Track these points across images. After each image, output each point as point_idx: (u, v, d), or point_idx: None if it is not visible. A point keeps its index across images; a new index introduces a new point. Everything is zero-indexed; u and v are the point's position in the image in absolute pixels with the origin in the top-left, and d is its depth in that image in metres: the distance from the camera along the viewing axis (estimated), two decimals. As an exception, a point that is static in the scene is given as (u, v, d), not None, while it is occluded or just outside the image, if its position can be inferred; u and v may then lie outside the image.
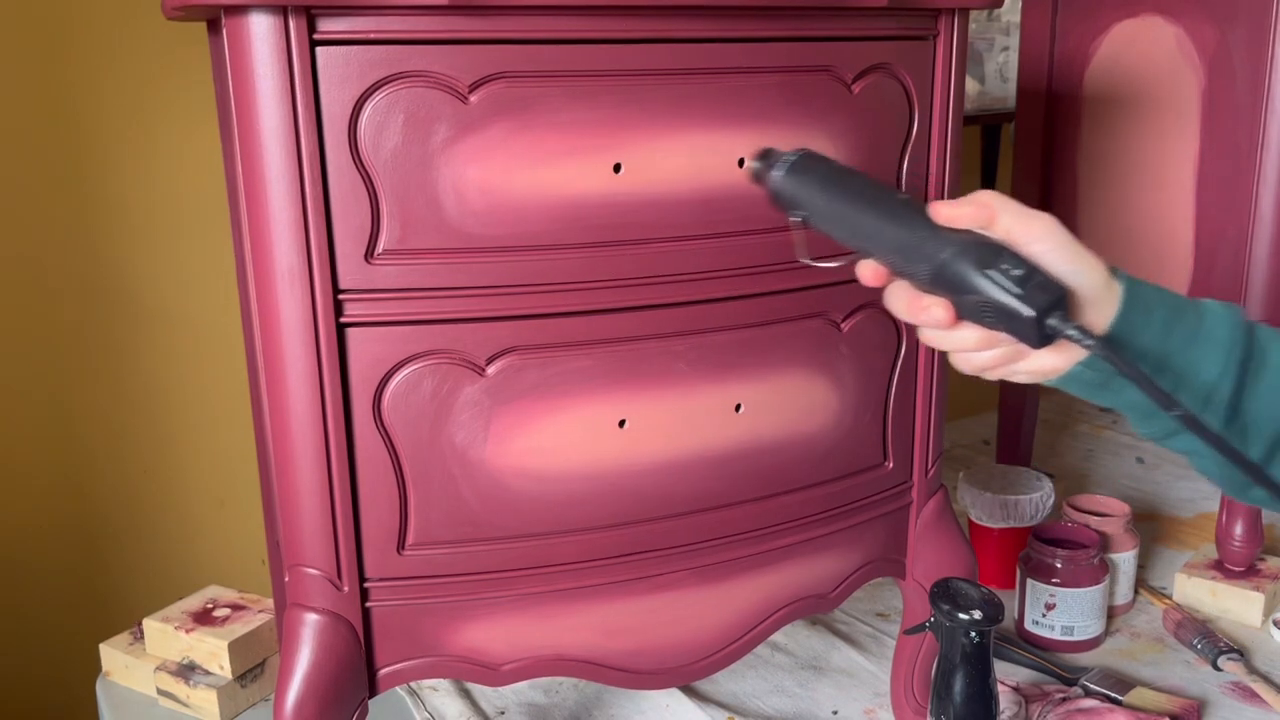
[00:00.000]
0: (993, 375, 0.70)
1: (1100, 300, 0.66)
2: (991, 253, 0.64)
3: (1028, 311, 0.62)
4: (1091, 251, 0.67)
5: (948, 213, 0.66)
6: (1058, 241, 0.66)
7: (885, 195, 0.69)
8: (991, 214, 0.66)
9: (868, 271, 0.70)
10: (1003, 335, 0.65)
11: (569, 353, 0.83)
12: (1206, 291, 1.27)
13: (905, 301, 0.68)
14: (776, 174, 0.72)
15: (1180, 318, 0.68)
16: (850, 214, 0.69)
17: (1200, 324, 0.68)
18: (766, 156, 0.73)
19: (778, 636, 1.28)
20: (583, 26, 0.78)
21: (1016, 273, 0.63)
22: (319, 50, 0.74)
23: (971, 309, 0.65)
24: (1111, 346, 0.64)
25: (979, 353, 0.68)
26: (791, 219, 0.72)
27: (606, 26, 0.78)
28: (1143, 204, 1.38)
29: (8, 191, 1.31)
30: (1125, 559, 1.30)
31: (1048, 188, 1.51)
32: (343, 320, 0.78)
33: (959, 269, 0.64)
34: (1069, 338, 0.63)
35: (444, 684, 1.19)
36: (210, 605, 1.20)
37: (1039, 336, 0.63)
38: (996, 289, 0.63)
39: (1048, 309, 0.62)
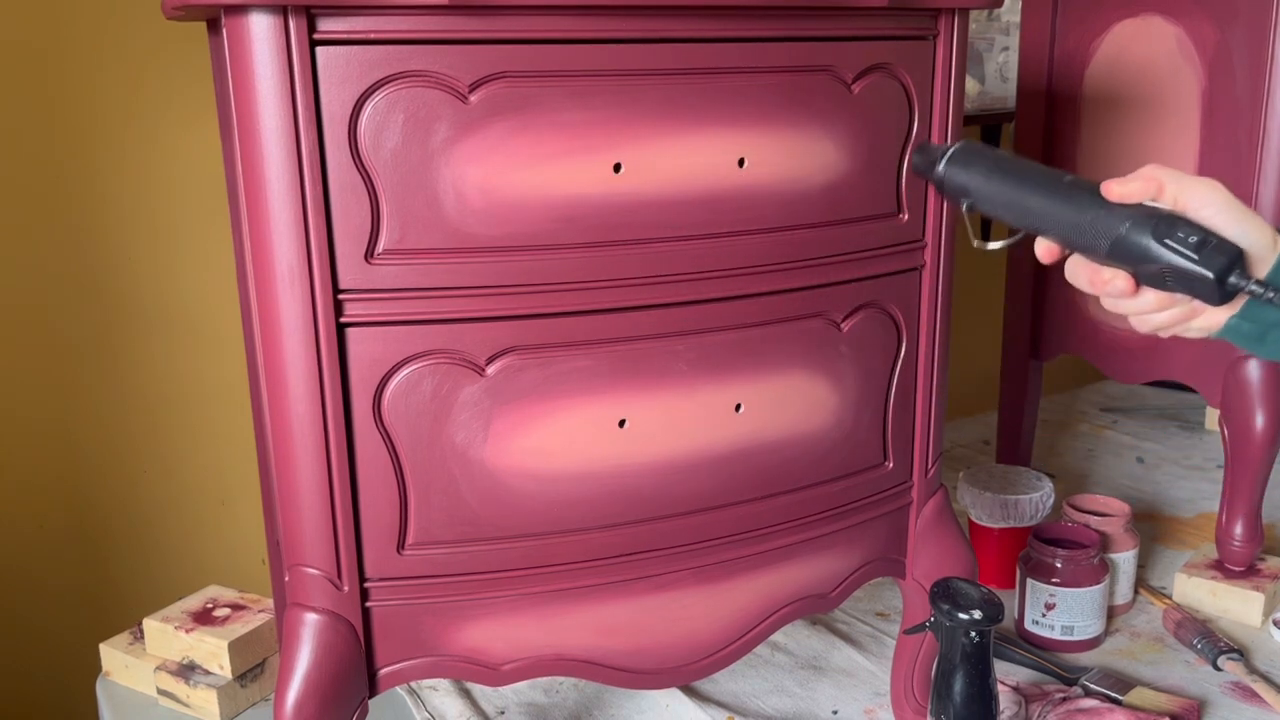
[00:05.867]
0: (1167, 333, 0.74)
1: (1267, 257, 0.69)
2: (1166, 223, 0.68)
3: (1208, 274, 0.66)
4: (1256, 212, 0.70)
5: (1119, 190, 0.71)
6: (1224, 204, 0.69)
7: (1052, 177, 0.74)
8: (1159, 185, 0.70)
9: (1042, 249, 0.75)
10: (1180, 295, 0.69)
11: (569, 353, 0.83)
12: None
13: (1086, 277, 0.73)
14: (941, 166, 0.77)
15: None
16: (1019, 197, 0.74)
17: None
18: (925, 150, 0.79)
19: (778, 636, 1.28)
20: (583, 26, 0.78)
21: (1193, 239, 0.67)
22: (319, 50, 0.74)
23: (1152, 276, 0.69)
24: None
25: (1158, 313, 0.73)
26: (962, 207, 0.77)
27: (606, 26, 0.78)
28: (1143, 204, 1.37)
29: (5, 191, 1.31)
30: (1125, 559, 1.30)
31: (1048, 188, 1.51)
32: (342, 320, 0.78)
33: (1138, 241, 0.68)
34: (1250, 293, 0.67)
35: (444, 684, 1.19)
36: (210, 605, 1.20)
37: (1220, 295, 0.67)
38: (1176, 256, 0.67)
39: (1226, 269, 0.67)
